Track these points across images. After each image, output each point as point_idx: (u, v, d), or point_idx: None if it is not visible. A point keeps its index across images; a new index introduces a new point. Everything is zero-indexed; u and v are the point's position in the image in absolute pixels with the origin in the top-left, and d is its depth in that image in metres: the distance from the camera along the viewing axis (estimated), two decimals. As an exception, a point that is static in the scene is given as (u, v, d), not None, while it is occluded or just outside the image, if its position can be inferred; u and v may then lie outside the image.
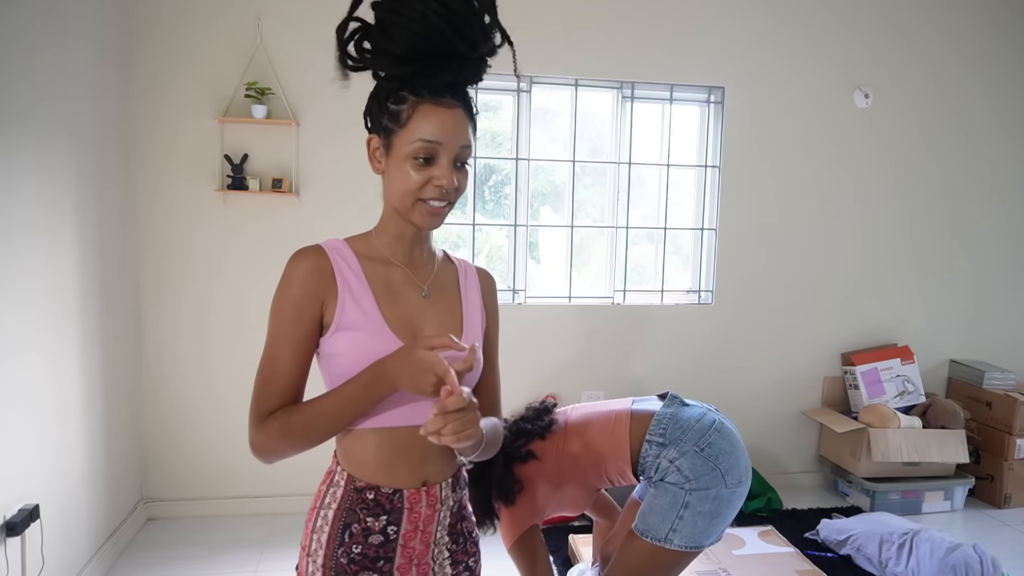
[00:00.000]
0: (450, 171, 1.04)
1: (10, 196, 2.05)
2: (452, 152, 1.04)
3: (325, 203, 3.15)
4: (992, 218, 3.86)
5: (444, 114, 1.03)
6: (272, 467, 3.23)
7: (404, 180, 1.04)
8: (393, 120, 1.04)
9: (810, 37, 3.54)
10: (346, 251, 1.09)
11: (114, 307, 2.80)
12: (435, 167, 1.04)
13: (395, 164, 1.05)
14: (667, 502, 1.82)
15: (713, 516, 1.81)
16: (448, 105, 1.03)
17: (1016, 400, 3.48)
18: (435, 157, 1.03)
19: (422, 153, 1.03)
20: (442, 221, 1.09)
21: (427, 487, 1.10)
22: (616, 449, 1.91)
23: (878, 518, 2.96)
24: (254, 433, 1.03)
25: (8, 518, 2.02)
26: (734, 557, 2.80)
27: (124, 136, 2.92)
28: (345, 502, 1.08)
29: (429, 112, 1.02)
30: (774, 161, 3.58)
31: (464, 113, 1.05)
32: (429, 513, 1.10)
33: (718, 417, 1.92)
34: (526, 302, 3.48)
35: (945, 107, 3.72)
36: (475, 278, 1.22)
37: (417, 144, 1.02)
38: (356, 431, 1.08)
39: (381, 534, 1.07)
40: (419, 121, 1.03)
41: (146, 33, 2.97)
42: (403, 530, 1.08)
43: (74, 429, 2.47)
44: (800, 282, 3.69)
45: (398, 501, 1.08)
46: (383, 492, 1.08)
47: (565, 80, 3.39)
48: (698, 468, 1.81)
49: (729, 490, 1.82)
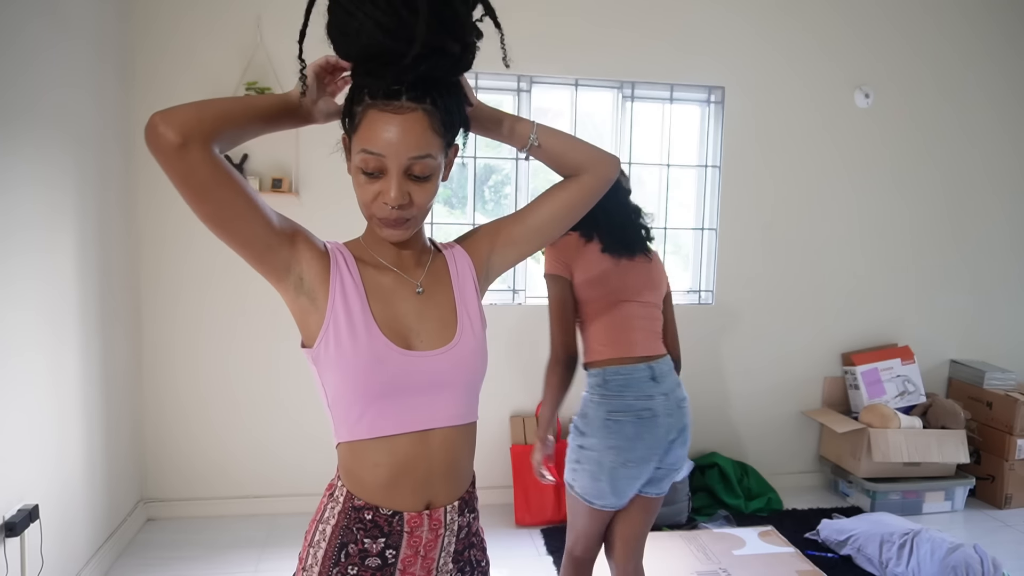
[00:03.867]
0: (397, 186, 0.94)
1: (10, 197, 2.05)
2: (400, 164, 0.93)
3: (325, 203, 3.14)
4: (992, 218, 3.85)
5: (391, 121, 0.92)
6: (272, 467, 3.23)
7: (357, 192, 0.99)
8: (350, 123, 0.98)
9: (810, 36, 3.54)
10: (346, 252, 1.06)
11: (114, 307, 2.80)
12: (382, 181, 0.95)
13: (352, 172, 0.99)
14: (570, 447, 1.89)
15: (595, 478, 1.83)
16: (399, 110, 0.92)
17: (1017, 400, 3.48)
18: (383, 170, 0.95)
19: (365, 166, 0.95)
20: (409, 231, 1.02)
21: (430, 510, 1.02)
22: (614, 341, 1.88)
23: (878, 518, 2.96)
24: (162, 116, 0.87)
25: (7, 518, 2.02)
26: (734, 557, 2.80)
27: (124, 136, 2.91)
28: (343, 520, 1.01)
29: (375, 119, 0.93)
30: (774, 161, 3.58)
31: (425, 116, 0.93)
32: (431, 538, 1.03)
33: (663, 412, 1.84)
34: (526, 302, 3.47)
35: (946, 107, 3.72)
36: (464, 255, 1.15)
37: (360, 155, 0.95)
38: (356, 444, 1.01)
39: (379, 557, 1.00)
40: (364, 129, 0.94)
41: (146, 33, 2.97)
42: (402, 555, 1.01)
43: (74, 429, 2.47)
44: (800, 282, 3.69)
45: (397, 524, 1.00)
46: (382, 513, 1.00)
47: (565, 80, 3.39)
48: (593, 428, 1.83)
49: (611, 464, 1.81)
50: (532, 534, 3.12)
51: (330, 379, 1.00)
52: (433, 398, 1.02)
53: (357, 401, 0.99)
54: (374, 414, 1.00)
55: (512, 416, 3.38)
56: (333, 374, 0.99)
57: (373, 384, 0.99)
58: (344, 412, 1.01)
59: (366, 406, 1.00)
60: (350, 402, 1.00)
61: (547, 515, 3.18)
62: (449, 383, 1.04)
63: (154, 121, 0.85)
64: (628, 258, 1.93)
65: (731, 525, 3.18)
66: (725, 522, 3.21)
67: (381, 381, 0.99)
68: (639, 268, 1.96)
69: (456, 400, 1.05)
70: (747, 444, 3.70)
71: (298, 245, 1.01)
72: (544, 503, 3.18)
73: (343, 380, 0.99)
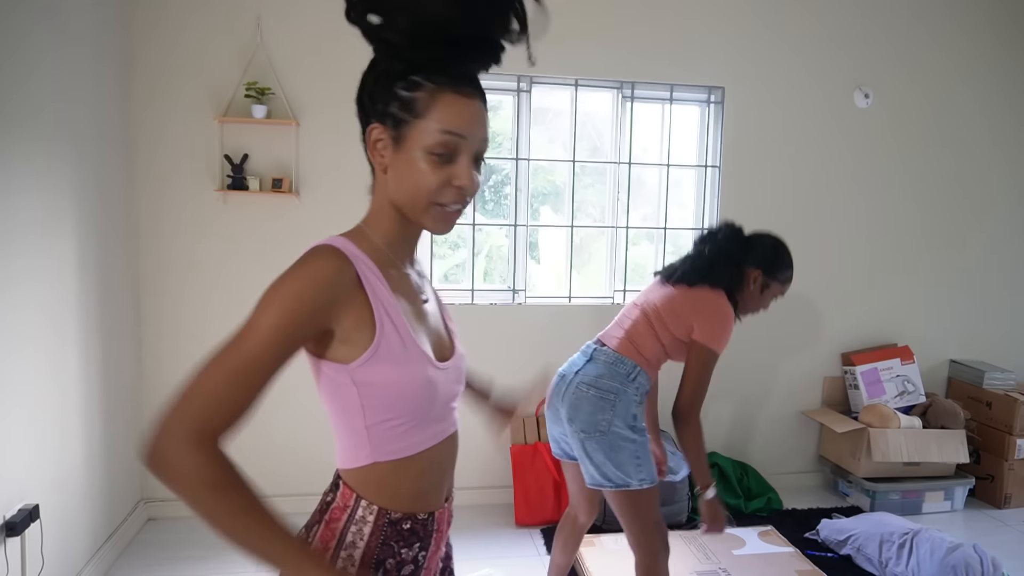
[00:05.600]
0: (471, 171, 0.93)
1: (11, 199, 2.05)
2: (474, 148, 0.93)
3: (325, 203, 3.15)
4: (992, 218, 3.85)
5: (469, 104, 0.92)
6: (272, 467, 3.23)
7: (418, 179, 0.91)
8: (406, 109, 0.91)
9: (810, 37, 3.54)
10: (364, 257, 0.93)
11: (114, 306, 2.80)
12: (455, 165, 0.92)
13: (405, 160, 0.92)
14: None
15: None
16: (469, 95, 0.92)
17: (1016, 400, 3.48)
18: (456, 153, 0.92)
19: (443, 148, 0.90)
20: (455, 224, 0.99)
21: (448, 500, 1.07)
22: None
23: (878, 518, 2.96)
24: (184, 452, 0.79)
25: (8, 518, 2.02)
26: (734, 557, 2.80)
27: (124, 136, 2.92)
28: (377, 538, 0.96)
29: (452, 102, 0.91)
30: (774, 161, 3.58)
31: (483, 106, 0.95)
32: (446, 527, 1.08)
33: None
34: (526, 302, 3.47)
35: (945, 107, 3.72)
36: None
37: (441, 137, 0.90)
38: (396, 464, 0.96)
39: (412, 563, 1.00)
40: (440, 111, 0.90)
41: (146, 33, 2.97)
42: (430, 552, 1.03)
43: (74, 429, 2.47)
44: (800, 282, 3.68)
45: (430, 525, 1.02)
46: (419, 520, 1.00)
47: (565, 80, 3.39)
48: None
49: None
50: (532, 534, 3.12)
51: (375, 403, 0.93)
52: (453, 406, 1.07)
53: (408, 422, 0.96)
54: (425, 429, 0.99)
55: (512, 416, 3.38)
56: (381, 398, 0.93)
57: (429, 406, 0.97)
58: (390, 432, 0.95)
59: (418, 423, 0.97)
60: (399, 423, 0.95)
61: (547, 515, 3.18)
62: (459, 390, 1.09)
63: (157, 462, 0.80)
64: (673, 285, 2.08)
65: (731, 525, 3.17)
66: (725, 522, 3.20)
67: (437, 402, 0.99)
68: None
69: (459, 404, 1.10)
70: (747, 444, 3.70)
71: (327, 327, 0.90)
72: (544, 503, 3.19)
73: (398, 403, 0.93)
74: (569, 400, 1.98)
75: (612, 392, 1.94)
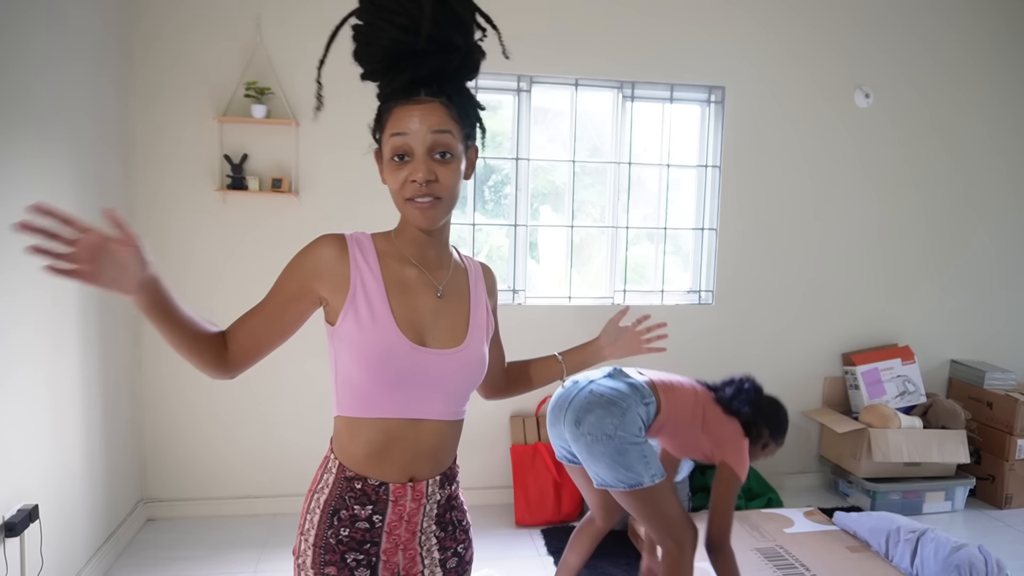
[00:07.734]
0: (423, 163, 1.04)
1: (11, 199, 2.05)
2: (423, 141, 1.04)
3: (325, 203, 3.14)
4: (993, 218, 3.85)
5: (413, 109, 1.05)
6: (272, 467, 3.24)
7: (390, 183, 1.08)
8: (378, 127, 1.10)
9: (810, 36, 3.54)
10: (368, 245, 1.12)
11: (113, 306, 2.80)
12: (411, 164, 1.06)
13: (384, 169, 1.10)
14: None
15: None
16: (419, 102, 1.05)
17: (1017, 400, 3.47)
18: (410, 152, 1.05)
19: (397, 151, 1.05)
20: (437, 218, 1.09)
21: (413, 483, 1.12)
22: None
23: (888, 515, 2.96)
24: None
25: (7, 518, 2.02)
26: (786, 535, 2.91)
27: (123, 136, 2.91)
28: (336, 489, 1.12)
29: (400, 111, 1.06)
30: (774, 161, 3.58)
31: (441, 105, 1.06)
32: (414, 507, 1.13)
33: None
34: (526, 302, 3.47)
35: (946, 106, 3.72)
36: (482, 277, 1.24)
37: (392, 141, 1.06)
38: (351, 421, 1.11)
39: (367, 521, 1.11)
40: (391, 121, 1.07)
41: (146, 33, 2.97)
42: (388, 519, 1.12)
43: (73, 429, 2.47)
44: (800, 282, 3.69)
45: (384, 493, 1.11)
46: (370, 483, 1.11)
47: (565, 80, 3.38)
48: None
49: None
50: (532, 534, 3.12)
51: (342, 358, 1.09)
52: (432, 393, 1.11)
53: (363, 383, 1.08)
54: (377, 397, 1.08)
55: (512, 416, 3.38)
56: (346, 354, 1.08)
57: (381, 373, 1.07)
58: (348, 390, 1.10)
59: (371, 389, 1.08)
60: (356, 383, 1.09)
61: (547, 515, 3.18)
62: (449, 383, 1.12)
63: None
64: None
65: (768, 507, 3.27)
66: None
67: (390, 371, 1.07)
68: None
69: (450, 399, 1.13)
70: (747, 444, 3.70)
71: (316, 290, 1.10)
72: (544, 503, 3.18)
73: (354, 362, 1.07)
74: (579, 404, 2.02)
75: (623, 403, 1.99)
